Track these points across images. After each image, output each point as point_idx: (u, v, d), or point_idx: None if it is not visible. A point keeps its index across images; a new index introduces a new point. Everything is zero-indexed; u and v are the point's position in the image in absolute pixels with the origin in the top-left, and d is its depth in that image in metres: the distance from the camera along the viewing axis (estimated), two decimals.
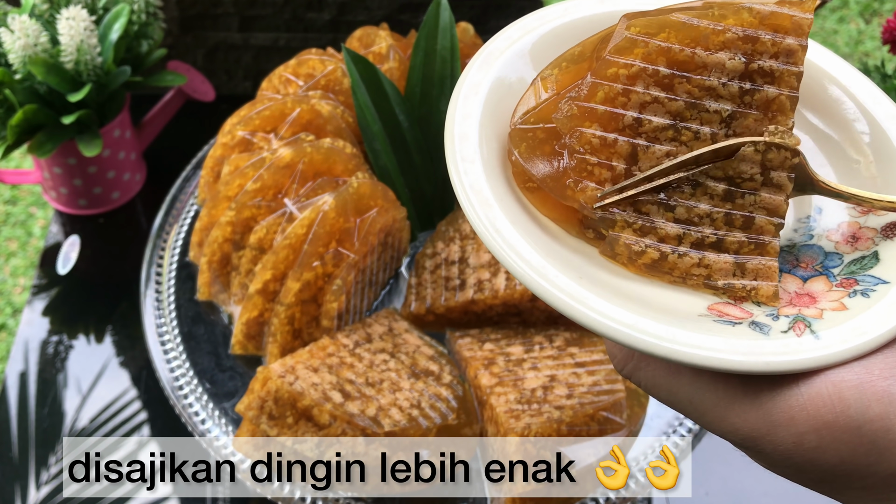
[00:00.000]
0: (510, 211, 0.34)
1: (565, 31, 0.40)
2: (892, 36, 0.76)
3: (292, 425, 0.53)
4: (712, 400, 0.31)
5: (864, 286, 0.34)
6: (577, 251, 0.35)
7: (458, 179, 0.34)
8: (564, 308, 0.31)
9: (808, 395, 0.29)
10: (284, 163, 0.63)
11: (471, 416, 0.57)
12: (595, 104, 0.35)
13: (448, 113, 0.37)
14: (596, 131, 0.35)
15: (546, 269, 0.32)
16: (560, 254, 0.34)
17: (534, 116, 0.36)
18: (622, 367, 0.34)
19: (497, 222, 0.33)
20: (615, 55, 0.35)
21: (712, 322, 0.32)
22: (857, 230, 0.37)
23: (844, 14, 1.85)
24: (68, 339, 0.79)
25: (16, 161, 1.54)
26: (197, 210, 0.72)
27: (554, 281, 0.32)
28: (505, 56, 0.39)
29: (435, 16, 0.68)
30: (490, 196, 0.34)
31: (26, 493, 0.69)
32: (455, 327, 0.65)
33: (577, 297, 0.31)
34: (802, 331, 0.31)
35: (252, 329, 0.61)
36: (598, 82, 0.35)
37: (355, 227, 0.61)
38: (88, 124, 0.79)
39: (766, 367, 0.30)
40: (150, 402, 0.74)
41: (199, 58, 0.97)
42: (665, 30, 0.35)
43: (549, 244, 0.34)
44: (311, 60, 0.72)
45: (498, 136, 0.37)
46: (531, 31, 0.40)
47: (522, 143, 0.36)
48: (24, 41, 0.73)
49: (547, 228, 0.36)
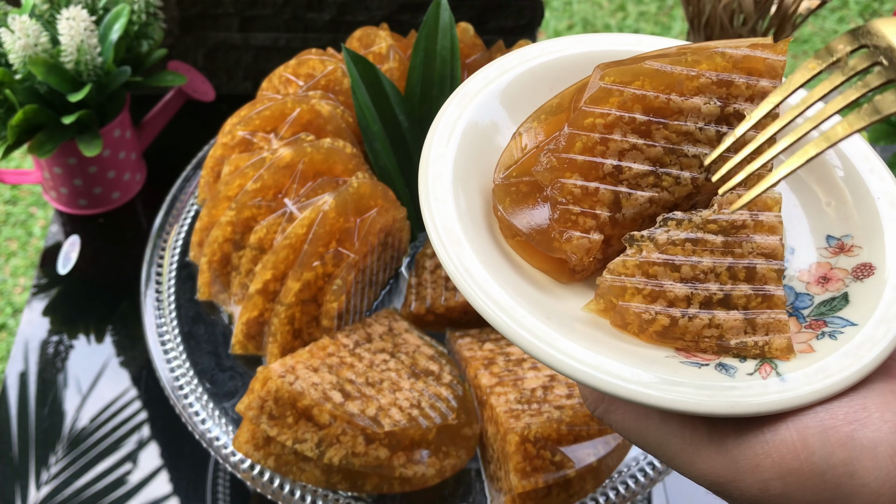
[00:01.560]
0: (481, 250, 0.34)
1: (542, 71, 0.41)
2: None
3: (292, 425, 0.54)
4: (679, 445, 0.31)
5: (833, 328, 0.34)
6: (549, 292, 0.35)
7: (430, 219, 0.35)
8: (531, 349, 0.31)
9: (772, 441, 0.29)
10: (284, 163, 0.63)
11: (471, 416, 0.57)
12: (574, 154, 0.35)
13: (423, 152, 0.37)
14: (577, 181, 0.35)
15: (514, 309, 0.32)
16: (530, 294, 0.34)
17: (516, 170, 0.37)
18: (594, 409, 0.34)
19: (466, 262, 0.33)
20: (591, 105, 0.35)
21: (679, 364, 0.32)
22: (828, 271, 0.37)
23: (844, 14, 1.86)
24: (68, 338, 0.79)
25: (16, 161, 1.54)
26: (197, 210, 0.72)
27: (521, 321, 0.32)
28: (481, 97, 0.40)
29: (435, 16, 0.68)
30: (461, 236, 0.34)
31: (26, 493, 0.69)
32: (455, 327, 0.65)
33: (544, 337, 0.31)
34: (768, 373, 0.31)
35: (252, 329, 0.62)
36: (576, 133, 0.35)
37: (355, 227, 0.61)
38: (89, 124, 0.79)
39: (729, 410, 0.30)
40: (150, 402, 0.74)
41: (200, 58, 0.97)
42: (639, 77, 0.35)
43: (520, 284, 0.34)
44: (311, 60, 0.72)
45: (472, 176, 0.37)
46: (509, 71, 0.41)
47: (506, 197, 0.36)
48: (24, 41, 0.73)
49: (520, 268, 0.36)
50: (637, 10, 1.88)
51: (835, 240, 0.38)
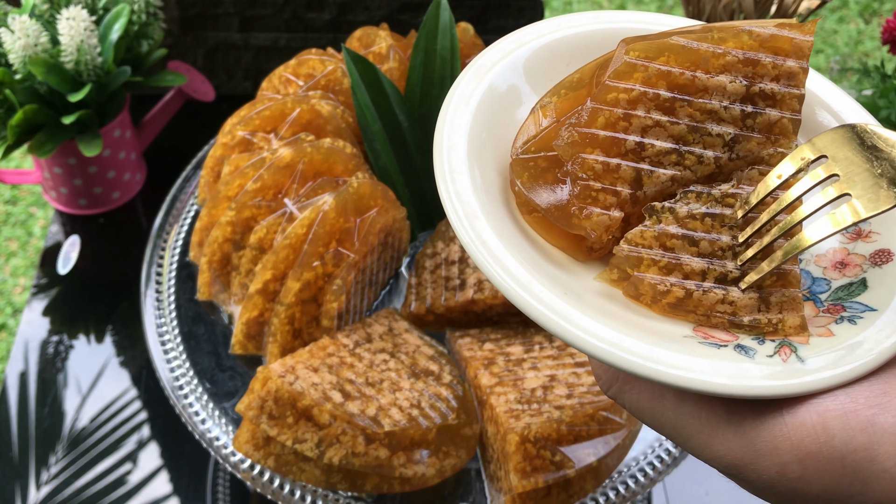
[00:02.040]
0: (497, 223, 0.34)
1: (559, 46, 0.40)
2: (891, 36, 0.76)
3: (292, 425, 0.54)
4: (696, 426, 0.31)
5: (852, 313, 0.33)
6: (565, 268, 0.35)
7: (444, 190, 0.34)
8: (547, 323, 0.31)
9: (791, 424, 0.29)
10: (284, 163, 0.63)
11: (471, 415, 0.57)
12: (596, 130, 0.35)
13: (438, 123, 0.36)
14: (598, 157, 0.35)
15: (531, 283, 0.32)
16: (546, 269, 0.33)
17: (534, 145, 0.36)
18: (607, 388, 0.34)
19: (483, 234, 0.33)
20: (615, 80, 0.35)
21: (697, 343, 0.32)
22: (845, 256, 0.36)
23: (844, 14, 1.86)
24: (68, 338, 0.79)
25: (16, 161, 1.54)
26: (197, 210, 0.72)
27: (538, 295, 0.31)
28: (497, 68, 0.39)
29: (435, 16, 0.68)
30: (477, 208, 0.34)
31: (26, 493, 0.69)
32: (455, 327, 0.65)
33: (561, 312, 0.31)
34: (788, 356, 0.31)
35: (252, 329, 0.62)
36: (599, 107, 0.35)
37: (355, 227, 0.61)
38: (89, 124, 0.79)
39: (749, 392, 0.29)
40: (150, 402, 0.74)
41: (200, 58, 0.97)
42: (665, 53, 0.35)
43: (536, 259, 0.34)
44: (311, 60, 0.72)
45: (487, 149, 0.37)
46: (525, 45, 0.40)
47: (525, 172, 0.36)
48: (24, 41, 0.73)
49: (537, 245, 0.35)
50: (637, 9, 1.88)
51: (852, 226, 0.38)
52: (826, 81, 0.40)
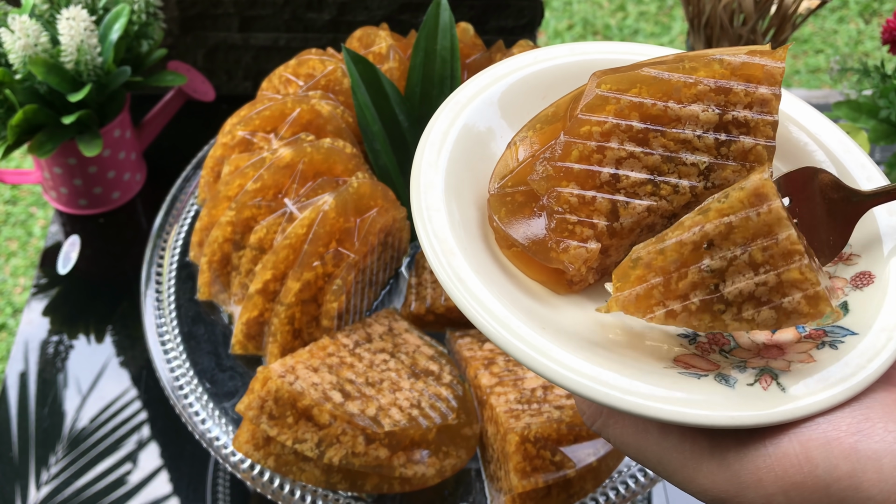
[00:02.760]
0: (475, 259, 0.34)
1: (535, 80, 0.40)
2: (891, 36, 0.76)
3: (292, 425, 0.54)
4: (680, 460, 0.30)
5: (833, 337, 0.33)
6: (545, 302, 0.35)
7: (422, 227, 0.34)
8: (525, 359, 0.30)
9: (775, 455, 0.29)
10: (284, 163, 0.63)
11: (471, 415, 0.57)
12: (570, 163, 0.35)
13: (415, 160, 0.37)
14: (574, 190, 0.35)
15: (508, 319, 0.32)
16: (525, 304, 0.33)
17: (511, 180, 0.36)
18: (591, 423, 0.33)
19: (460, 271, 0.33)
20: (587, 113, 0.35)
21: (678, 375, 0.31)
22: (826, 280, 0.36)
23: (844, 14, 1.86)
24: (68, 338, 0.79)
25: (16, 161, 1.54)
26: (197, 210, 0.72)
27: (516, 332, 0.31)
28: (474, 104, 0.39)
29: (435, 16, 0.68)
30: (454, 245, 0.34)
31: (26, 493, 0.69)
32: (455, 327, 0.65)
33: (540, 348, 0.31)
34: (769, 383, 0.31)
35: (252, 329, 0.62)
36: (573, 141, 0.35)
37: (355, 227, 0.61)
38: (89, 124, 0.79)
39: (730, 422, 0.29)
40: (150, 402, 0.74)
41: (200, 58, 0.97)
42: (636, 85, 0.35)
43: (515, 294, 0.34)
44: (311, 60, 0.72)
45: (465, 185, 0.37)
46: (501, 79, 0.40)
47: (502, 207, 0.36)
48: (24, 41, 0.73)
49: (517, 279, 0.35)
50: (637, 9, 1.88)
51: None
52: (801, 103, 0.40)
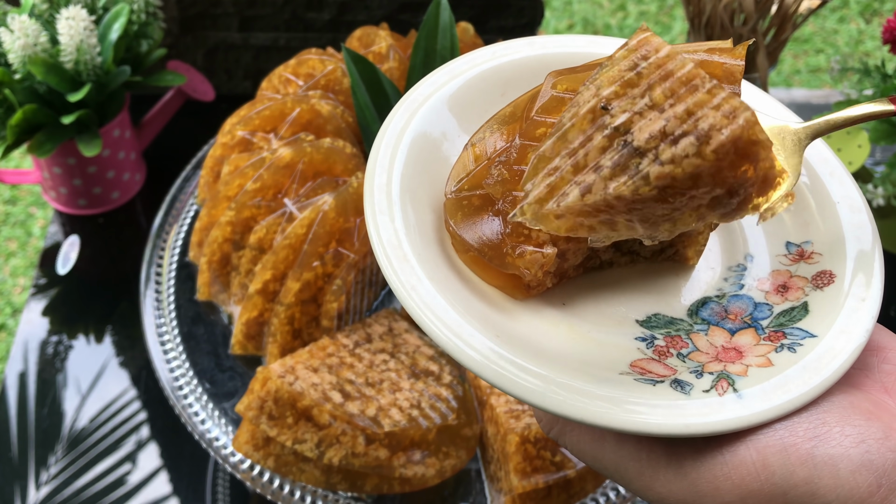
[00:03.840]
0: (428, 267, 0.33)
1: (493, 76, 0.39)
2: (892, 36, 0.76)
3: (292, 425, 0.53)
4: (637, 468, 0.30)
5: (792, 340, 0.32)
6: (500, 309, 0.34)
7: (374, 233, 0.33)
8: (477, 369, 0.30)
9: (732, 462, 0.28)
10: (284, 163, 0.63)
11: (471, 416, 0.57)
12: (526, 166, 0.34)
13: (368, 164, 0.35)
14: None
15: (461, 327, 0.31)
16: (480, 312, 0.32)
17: (468, 183, 0.35)
18: (548, 431, 0.33)
19: (413, 278, 0.32)
20: (543, 115, 0.34)
21: (633, 381, 0.31)
22: (787, 279, 0.35)
23: (845, 14, 1.86)
24: (68, 339, 0.79)
25: (15, 161, 1.54)
26: (197, 210, 0.72)
27: (468, 341, 0.30)
28: (429, 102, 0.38)
29: (435, 16, 0.68)
30: (408, 250, 0.33)
31: (26, 494, 0.69)
32: None
33: (491, 357, 0.30)
34: (725, 389, 0.30)
35: (252, 329, 0.61)
36: (528, 143, 0.34)
37: (355, 226, 0.61)
38: (88, 124, 0.79)
39: (685, 430, 0.29)
40: (149, 402, 0.74)
41: (199, 57, 0.97)
42: None
43: (470, 302, 0.33)
44: (311, 60, 0.72)
45: (420, 188, 0.36)
46: (458, 76, 0.39)
47: (458, 211, 0.35)
48: (23, 41, 0.73)
49: (473, 285, 0.34)
50: (637, 9, 1.88)
51: (795, 246, 0.36)
52: (761, 93, 0.39)
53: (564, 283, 0.36)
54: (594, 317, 0.35)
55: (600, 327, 0.34)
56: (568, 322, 0.34)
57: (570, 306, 0.35)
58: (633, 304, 0.36)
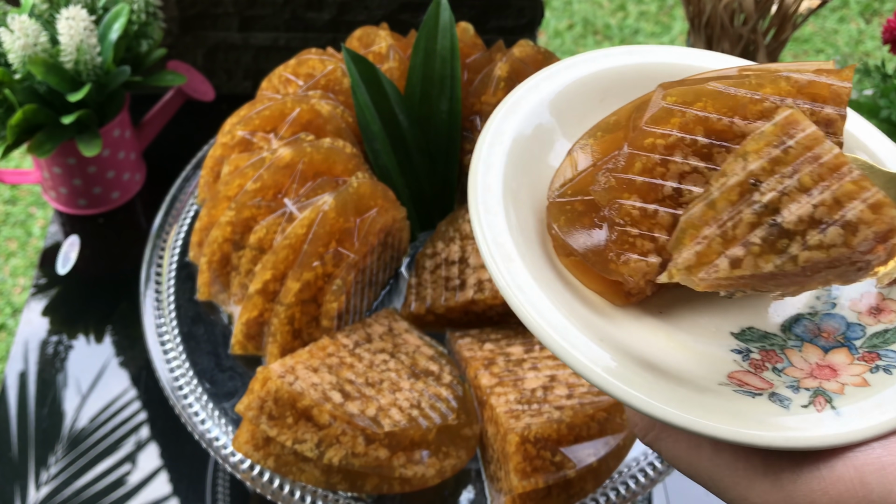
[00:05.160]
0: (533, 267, 0.34)
1: (592, 81, 0.40)
2: (892, 36, 0.76)
3: (292, 425, 0.53)
4: (732, 478, 0.30)
5: (887, 361, 0.33)
6: (601, 313, 0.35)
7: (480, 232, 0.34)
8: (584, 371, 0.31)
9: (829, 478, 0.28)
10: (284, 163, 0.63)
11: (471, 416, 0.57)
12: (633, 175, 0.35)
13: (472, 163, 0.36)
14: (636, 202, 0.34)
15: (567, 329, 0.32)
16: (583, 315, 0.33)
17: (571, 189, 0.36)
18: (643, 436, 0.33)
19: (518, 278, 0.33)
20: (652, 125, 0.35)
21: (732, 392, 0.32)
22: (880, 301, 0.36)
23: (845, 14, 1.86)
24: (68, 339, 0.79)
25: (15, 161, 1.54)
26: (197, 210, 0.72)
27: (574, 342, 0.31)
28: (529, 105, 0.39)
29: (435, 16, 0.68)
30: (513, 250, 0.34)
31: (26, 493, 0.69)
32: (455, 327, 0.65)
33: (598, 360, 0.31)
34: (823, 406, 0.31)
35: (252, 329, 0.61)
36: (636, 153, 0.35)
37: (355, 227, 0.61)
38: (88, 124, 0.79)
39: (785, 443, 0.29)
40: (149, 402, 0.74)
41: (199, 57, 0.97)
42: (702, 99, 0.35)
43: (573, 304, 0.34)
44: (311, 60, 0.72)
45: (521, 189, 0.37)
46: (556, 80, 0.40)
47: (561, 216, 0.36)
48: (23, 41, 0.73)
49: (573, 288, 0.35)
50: (637, 9, 1.88)
51: None
52: (864, 122, 0.40)
53: (661, 291, 0.36)
54: (690, 327, 0.36)
55: (697, 337, 0.35)
56: (666, 330, 0.35)
57: (668, 315, 0.36)
58: (727, 316, 0.36)
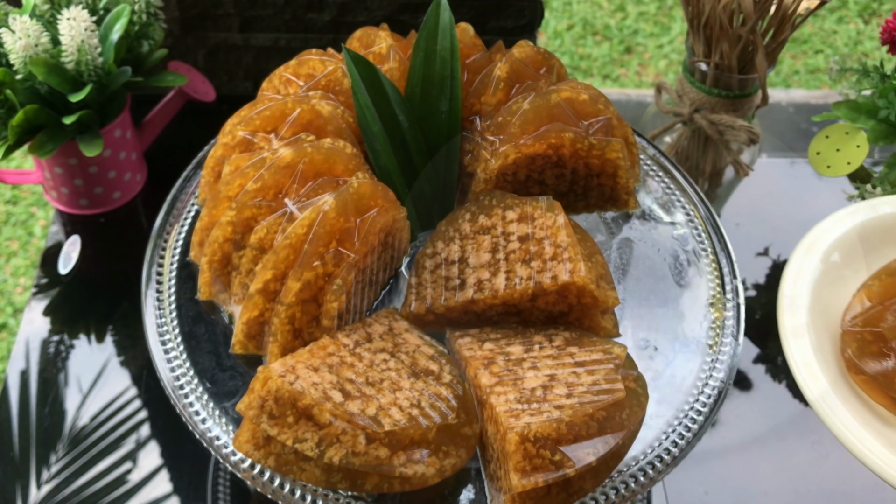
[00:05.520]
0: (833, 383, 0.42)
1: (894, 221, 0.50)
2: (891, 36, 0.76)
3: (293, 424, 0.54)
4: None
5: None
6: (886, 421, 0.42)
7: (790, 353, 0.43)
8: (880, 472, 0.38)
9: None
10: (285, 163, 0.63)
11: (471, 415, 0.57)
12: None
13: (780, 291, 0.45)
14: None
15: (867, 440, 0.39)
16: (871, 423, 0.41)
17: (861, 321, 0.44)
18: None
19: (825, 393, 0.41)
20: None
21: None
22: None
23: (843, 14, 1.86)
24: (69, 338, 0.79)
25: (17, 161, 1.55)
26: (197, 210, 0.72)
27: (873, 450, 0.39)
28: (831, 241, 0.47)
29: (435, 16, 0.68)
30: (818, 369, 0.42)
31: (27, 493, 0.69)
32: (455, 327, 0.65)
33: (891, 463, 0.38)
34: None
35: (252, 329, 0.62)
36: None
37: (355, 226, 0.61)
38: (89, 124, 0.79)
39: None
40: (150, 402, 0.74)
41: (200, 58, 0.97)
42: None
43: (865, 415, 0.42)
44: (312, 61, 0.72)
45: (819, 316, 0.45)
46: (858, 218, 0.49)
47: (854, 343, 0.43)
48: (25, 41, 0.73)
49: (863, 400, 0.44)
50: (637, 10, 1.88)
51: None
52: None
53: None
54: None
55: None
56: None
57: None
58: None
